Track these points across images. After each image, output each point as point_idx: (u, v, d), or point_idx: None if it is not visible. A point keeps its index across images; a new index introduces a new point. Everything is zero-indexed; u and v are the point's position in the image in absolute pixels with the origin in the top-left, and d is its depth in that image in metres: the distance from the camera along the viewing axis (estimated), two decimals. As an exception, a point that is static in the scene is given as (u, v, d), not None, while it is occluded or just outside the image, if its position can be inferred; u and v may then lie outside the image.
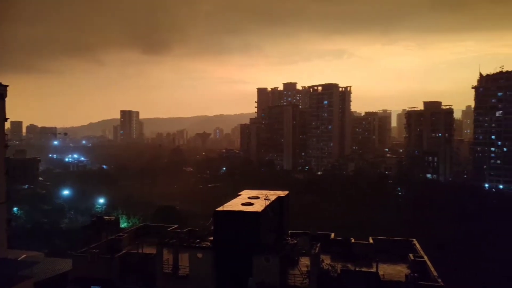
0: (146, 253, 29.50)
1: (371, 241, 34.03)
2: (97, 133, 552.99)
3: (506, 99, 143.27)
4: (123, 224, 64.29)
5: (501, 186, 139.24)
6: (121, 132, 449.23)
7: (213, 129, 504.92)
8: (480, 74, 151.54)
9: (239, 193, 32.63)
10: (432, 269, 27.64)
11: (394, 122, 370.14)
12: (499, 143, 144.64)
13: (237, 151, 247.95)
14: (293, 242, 28.25)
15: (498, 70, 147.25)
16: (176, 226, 36.28)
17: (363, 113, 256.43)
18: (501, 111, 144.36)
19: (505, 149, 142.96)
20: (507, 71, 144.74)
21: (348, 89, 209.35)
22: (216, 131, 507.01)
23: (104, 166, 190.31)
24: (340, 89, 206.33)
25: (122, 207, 76.66)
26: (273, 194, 31.35)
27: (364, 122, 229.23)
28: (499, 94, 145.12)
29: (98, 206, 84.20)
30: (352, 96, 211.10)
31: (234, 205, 28.41)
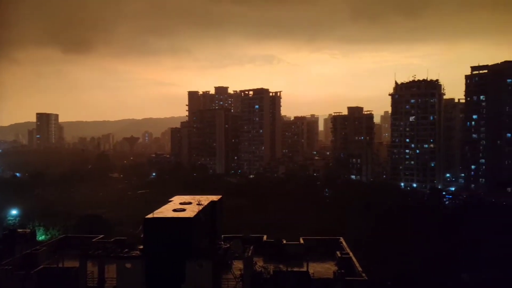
0: (68, 267, 27.31)
1: (301, 241, 35.18)
2: (9, 138, 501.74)
3: (418, 105, 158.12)
4: (41, 237, 58.90)
5: (414, 185, 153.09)
6: (38, 136, 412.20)
7: (141, 133, 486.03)
8: (396, 83, 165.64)
9: (170, 199, 31.68)
10: (357, 264, 29.35)
11: (321, 126, 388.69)
12: (413, 145, 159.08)
13: (168, 156, 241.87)
14: (226, 246, 28.12)
15: (411, 79, 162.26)
16: (101, 236, 34.18)
17: (292, 118, 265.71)
18: (414, 116, 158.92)
19: (417, 151, 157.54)
20: (418, 80, 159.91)
21: (278, 94, 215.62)
22: (145, 135, 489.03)
23: (18, 174, 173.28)
24: (271, 94, 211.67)
25: (39, 219, 70.16)
26: (206, 199, 30.94)
27: (293, 126, 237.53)
28: (412, 101, 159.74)
29: (10, 218, 76.20)
30: (282, 101, 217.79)
31: (165, 211, 27.50)
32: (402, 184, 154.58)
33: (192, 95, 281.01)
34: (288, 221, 73.71)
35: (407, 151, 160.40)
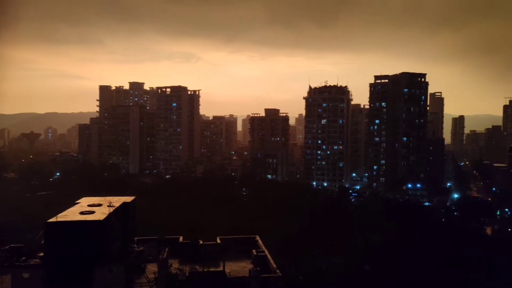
0: None
1: (218, 241, 35.07)
2: None
3: (329, 109, 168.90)
4: None
5: (325, 184, 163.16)
6: None
7: (43, 128, 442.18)
8: (309, 87, 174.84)
9: (77, 201, 29.14)
10: (272, 262, 30.17)
11: (239, 127, 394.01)
12: (324, 147, 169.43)
13: (75, 154, 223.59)
14: (139, 249, 26.79)
15: (323, 84, 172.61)
16: (-8, 244, 30.09)
17: (211, 117, 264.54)
18: (325, 120, 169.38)
19: (328, 152, 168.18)
20: (329, 86, 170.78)
21: (197, 92, 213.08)
22: (47, 131, 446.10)
23: None
24: (189, 92, 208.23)
25: None
26: (117, 200, 29.08)
27: (212, 126, 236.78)
28: (324, 105, 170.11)
29: None
30: (201, 99, 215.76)
31: (70, 214, 25.17)
32: (314, 183, 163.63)
33: (104, 89, 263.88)
34: (206, 221, 73.10)
35: (319, 152, 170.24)
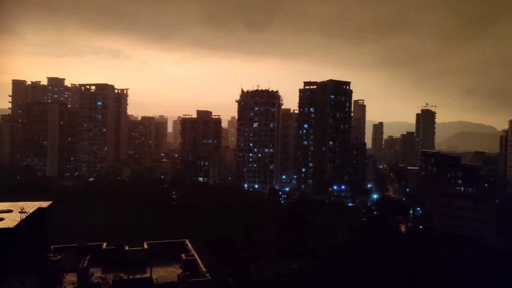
0: None
1: (146, 246, 33.54)
2: None
3: (261, 113, 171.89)
4: None
5: (256, 186, 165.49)
6: None
7: None
8: (242, 90, 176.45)
9: (-18, 207, 25.88)
10: (202, 266, 29.56)
11: (170, 128, 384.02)
12: (256, 149, 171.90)
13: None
14: (56, 258, 24.53)
15: (255, 88, 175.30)
16: None
17: (140, 117, 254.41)
18: (257, 123, 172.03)
19: (260, 155, 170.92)
20: (261, 90, 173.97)
21: (125, 91, 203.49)
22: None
23: None
24: (116, 91, 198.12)
25: None
26: (31, 206, 26.39)
27: (140, 127, 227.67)
28: (256, 108, 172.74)
29: None
30: (129, 99, 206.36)
31: (-27, 222, 22.24)
32: (246, 185, 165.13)
33: (18, 84, 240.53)
34: (132, 226, 69.82)
35: (250, 154, 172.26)
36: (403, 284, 54.36)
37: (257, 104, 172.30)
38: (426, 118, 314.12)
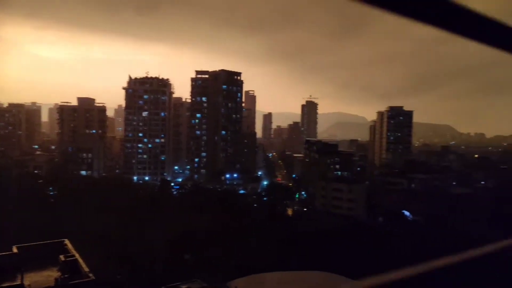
0: None
1: (15, 250, 29.43)
2: None
3: (151, 101, 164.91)
4: None
5: (147, 178, 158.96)
6: None
7: None
8: (129, 77, 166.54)
9: None
10: (84, 265, 27.14)
11: (45, 117, 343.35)
12: (145, 140, 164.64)
13: None
14: None
15: (144, 75, 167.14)
16: None
17: (6, 104, 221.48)
18: (147, 112, 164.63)
19: (150, 146, 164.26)
20: (151, 77, 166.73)
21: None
22: None
23: None
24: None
25: None
26: None
27: (7, 115, 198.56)
28: (145, 96, 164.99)
29: None
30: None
31: None
32: (135, 177, 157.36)
33: None
34: (-2, 229, 60.68)
35: (140, 145, 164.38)
36: (284, 257, 58.72)
37: (147, 92, 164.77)
38: (309, 109, 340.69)
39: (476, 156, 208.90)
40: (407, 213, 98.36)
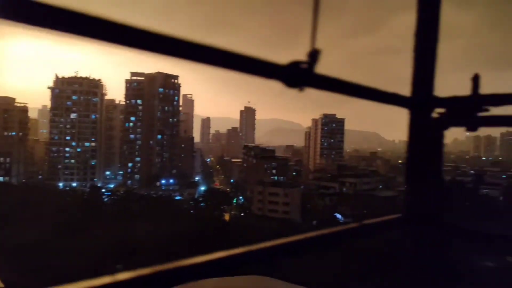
0: None
1: None
2: None
3: (80, 103, 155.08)
4: None
5: (74, 184, 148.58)
6: None
7: None
8: (56, 76, 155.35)
9: None
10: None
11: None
12: (74, 143, 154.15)
13: None
14: None
15: (73, 74, 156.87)
16: None
17: None
18: (76, 114, 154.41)
19: (78, 150, 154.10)
20: (81, 77, 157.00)
21: None
22: None
23: None
24: None
25: None
26: None
27: None
28: (74, 97, 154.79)
29: None
30: None
31: None
32: (61, 183, 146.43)
33: None
34: None
35: (67, 149, 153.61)
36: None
37: (76, 92, 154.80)
38: (248, 114, 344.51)
39: (400, 161, 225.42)
40: (338, 215, 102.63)
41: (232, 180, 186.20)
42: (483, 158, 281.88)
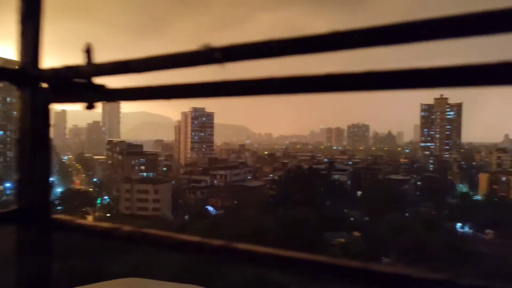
0: None
1: None
2: None
3: None
4: None
5: None
6: None
7: None
8: None
9: None
10: None
11: None
12: None
13: None
14: None
15: None
16: None
17: None
18: None
19: None
20: None
21: None
22: None
23: None
24: None
25: None
26: None
27: None
28: None
29: None
30: None
31: None
32: None
33: None
34: None
35: None
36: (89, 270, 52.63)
37: None
38: (111, 107, 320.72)
39: (266, 153, 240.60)
40: (210, 208, 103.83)
41: (95, 179, 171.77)
42: (334, 147, 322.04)
